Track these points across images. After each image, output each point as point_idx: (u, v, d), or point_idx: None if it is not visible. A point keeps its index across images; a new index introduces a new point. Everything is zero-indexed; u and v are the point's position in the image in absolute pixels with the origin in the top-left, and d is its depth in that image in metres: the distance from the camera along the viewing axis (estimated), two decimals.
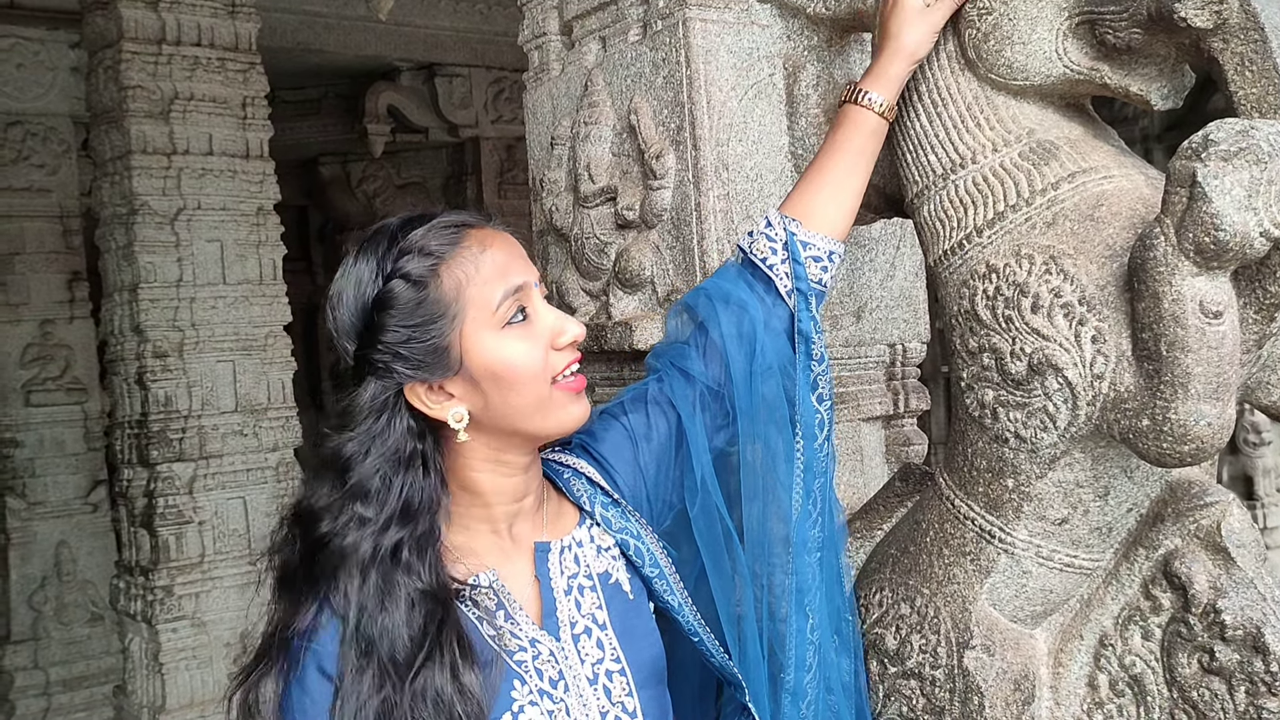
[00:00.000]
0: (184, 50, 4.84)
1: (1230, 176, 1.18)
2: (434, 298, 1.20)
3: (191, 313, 4.89)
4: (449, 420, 1.23)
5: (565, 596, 1.29)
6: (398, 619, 1.15)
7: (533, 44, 2.12)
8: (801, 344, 1.47)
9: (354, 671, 1.13)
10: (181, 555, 4.81)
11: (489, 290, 1.21)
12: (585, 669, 1.26)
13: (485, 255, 1.22)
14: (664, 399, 1.45)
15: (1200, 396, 1.25)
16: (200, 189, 4.91)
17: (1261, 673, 1.36)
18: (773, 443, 1.45)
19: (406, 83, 7.21)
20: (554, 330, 1.25)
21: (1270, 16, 1.26)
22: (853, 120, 1.51)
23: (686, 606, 1.37)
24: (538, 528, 1.33)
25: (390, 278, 1.20)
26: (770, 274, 1.47)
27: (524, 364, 1.22)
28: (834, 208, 1.50)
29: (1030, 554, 1.47)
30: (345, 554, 1.17)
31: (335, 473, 1.21)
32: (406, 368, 1.21)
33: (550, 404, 1.25)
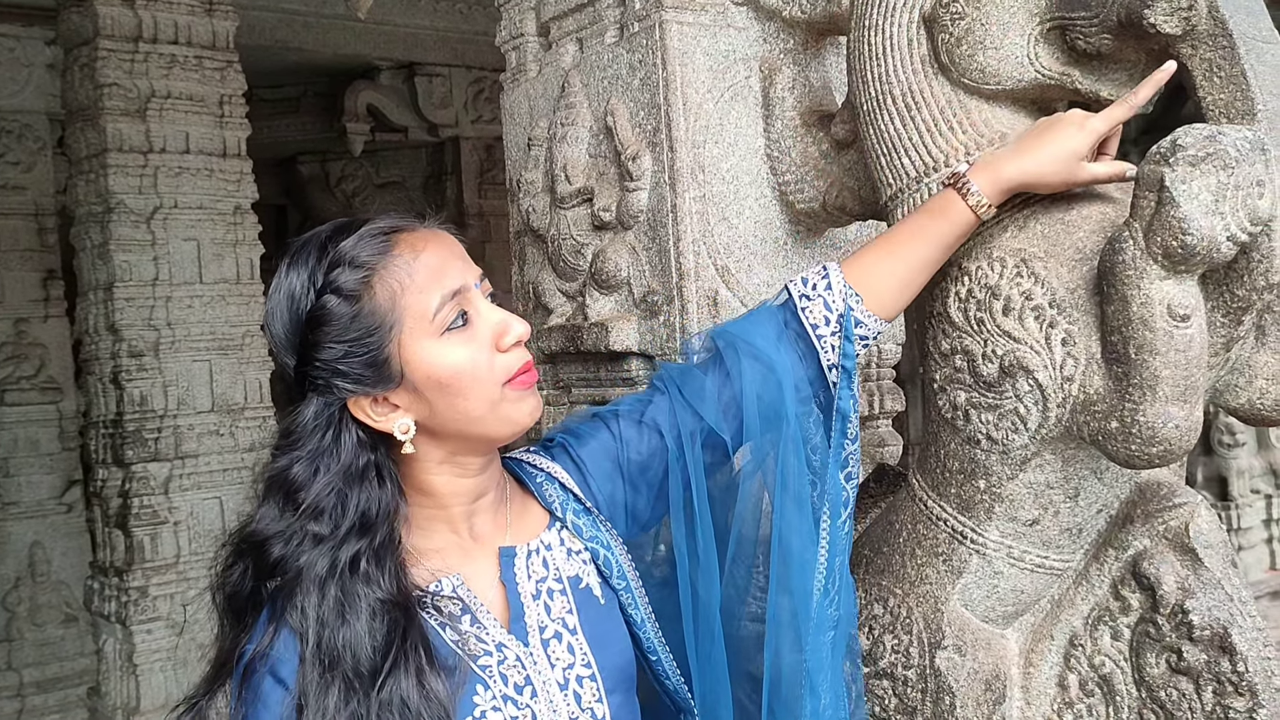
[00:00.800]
0: (161, 48, 4.81)
1: (1198, 181, 1.20)
2: (368, 310, 1.16)
3: (167, 312, 4.86)
4: (395, 433, 1.19)
5: (534, 601, 1.26)
6: (359, 630, 1.12)
7: (510, 45, 2.12)
8: (839, 421, 1.42)
9: (318, 690, 1.09)
10: (157, 556, 4.78)
11: (425, 298, 1.17)
12: (556, 674, 1.23)
13: (418, 261, 1.18)
14: (658, 419, 1.40)
15: (1168, 399, 1.26)
16: (177, 187, 4.88)
17: (1228, 673, 1.37)
18: (789, 517, 1.39)
19: (386, 82, 7.20)
20: (497, 331, 1.20)
21: (1238, 24, 1.28)
22: (948, 210, 1.40)
23: (649, 623, 1.35)
24: (499, 528, 1.30)
25: (322, 292, 1.16)
26: (817, 345, 1.41)
27: (468, 369, 1.18)
28: (896, 294, 1.43)
29: (1002, 555, 1.49)
30: (302, 573, 1.13)
31: (283, 495, 1.16)
32: (347, 383, 1.17)
33: (502, 405, 1.20)
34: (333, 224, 1.22)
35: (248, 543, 1.18)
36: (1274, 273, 1.27)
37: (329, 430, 1.18)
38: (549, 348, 1.95)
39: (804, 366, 1.41)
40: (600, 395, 1.92)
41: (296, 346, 1.18)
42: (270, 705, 1.10)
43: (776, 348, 1.40)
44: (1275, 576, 6.81)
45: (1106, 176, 1.37)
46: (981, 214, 1.39)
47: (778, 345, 1.40)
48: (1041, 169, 1.37)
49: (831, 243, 1.91)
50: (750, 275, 1.79)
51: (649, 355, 1.80)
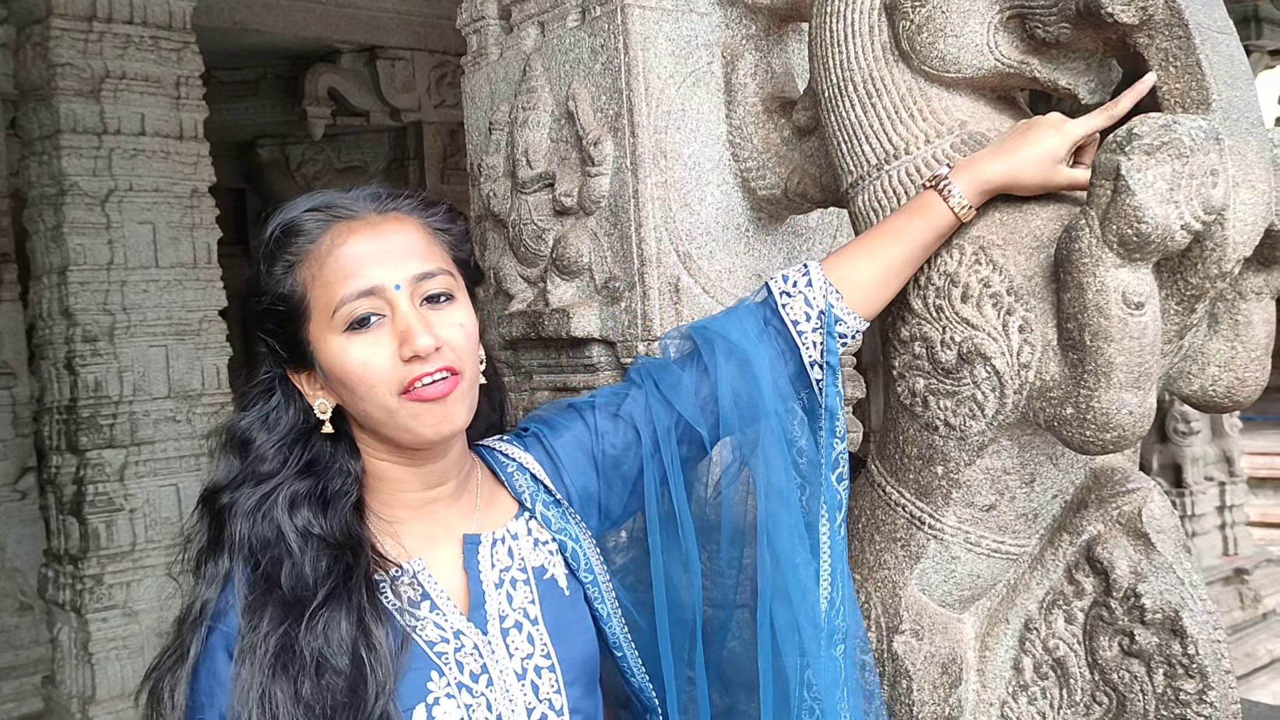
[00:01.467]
0: (115, 28, 4.73)
1: (1153, 170, 1.21)
2: (286, 293, 1.18)
3: (123, 296, 4.79)
4: (315, 409, 1.21)
5: (496, 590, 1.25)
6: (301, 561, 1.14)
7: (471, 28, 2.10)
8: (827, 420, 1.41)
9: (255, 610, 1.11)
10: (112, 544, 4.72)
11: (329, 293, 1.16)
12: (513, 663, 1.22)
13: (334, 254, 1.16)
14: (634, 414, 1.38)
15: (1122, 385, 1.27)
16: (132, 170, 4.80)
17: (1179, 655, 1.39)
18: (778, 517, 1.37)
19: (347, 65, 7.12)
20: (399, 339, 1.15)
21: (1194, 14, 1.29)
22: (928, 211, 1.41)
23: (615, 618, 1.33)
24: (465, 516, 1.29)
25: (259, 262, 1.20)
26: (798, 340, 1.40)
27: (362, 373, 1.15)
28: (876, 292, 1.43)
29: (959, 540, 1.50)
30: (236, 505, 1.17)
31: (236, 451, 1.21)
32: (281, 353, 1.21)
33: (398, 416, 1.16)
34: (310, 195, 1.24)
35: (204, 494, 1.21)
36: (1226, 261, 1.29)
37: (274, 394, 1.22)
38: (510, 334, 1.95)
39: (785, 364, 1.40)
40: (561, 382, 1.91)
41: (247, 309, 1.22)
42: (225, 682, 1.10)
43: (755, 343, 1.39)
44: (1228, 562, 6.92)
45: (1084, 181, 1.37)
46: (961, 215, 1.39)
47: (757, 341, 1.40)
48: (1019, 170, 1.38)
49: (793, 229, 1.92)
50: (712, 261, 1.79)
51: (610, 341, 1.80)
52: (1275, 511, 8.97)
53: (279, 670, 1.09)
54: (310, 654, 1.10)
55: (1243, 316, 1.42)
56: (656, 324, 1.73)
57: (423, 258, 1.19)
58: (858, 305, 1.42)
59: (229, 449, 1.22)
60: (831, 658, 1.36)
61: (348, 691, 1.10)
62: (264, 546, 1.16)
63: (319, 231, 1.18)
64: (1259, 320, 1.43)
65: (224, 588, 1.15)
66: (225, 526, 1.17)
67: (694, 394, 1.38)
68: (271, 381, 1.23)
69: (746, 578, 1.44)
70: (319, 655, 1.10)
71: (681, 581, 1.38)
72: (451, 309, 1.20)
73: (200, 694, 1.12)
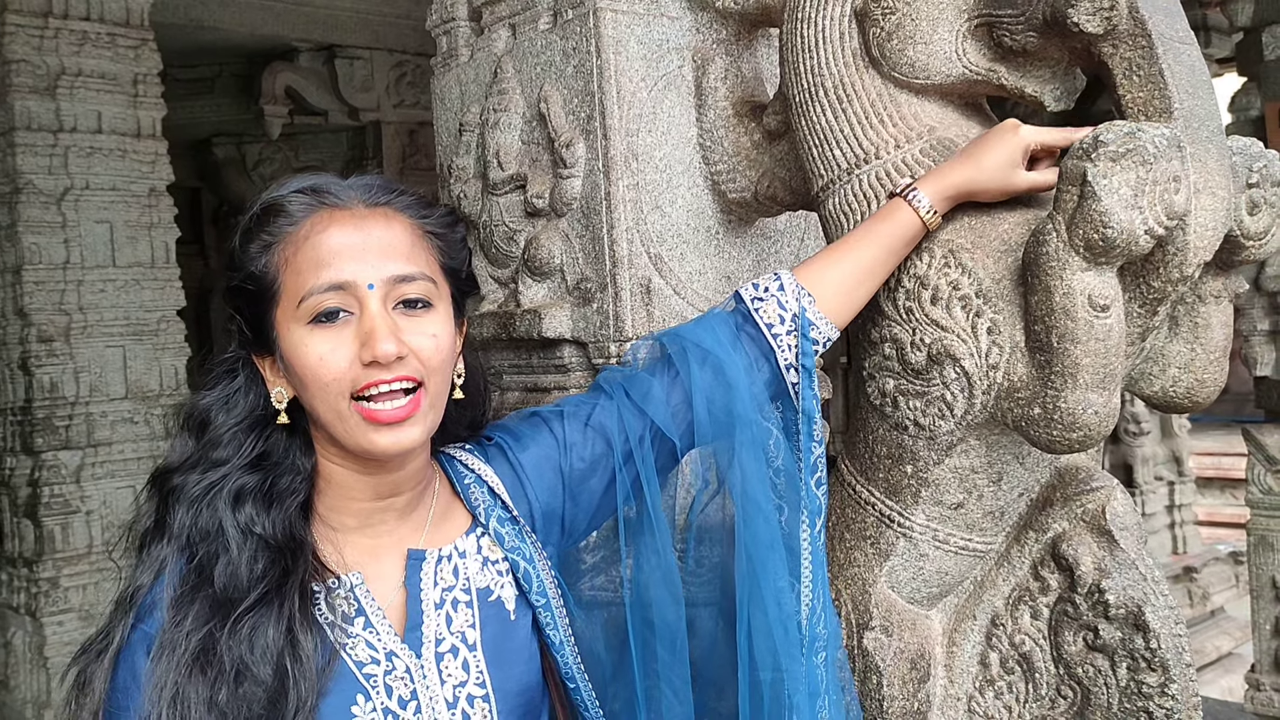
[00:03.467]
0: (72, 24, 4.68)
1: (1118, 176, 1.24)
2: (259, 272, 1.14)
3: (79, 296, 4.74)
4: (272, 397, 1.18)
5: (435, 610, 1.19)
6: (237, 559, 1.10)
7: (441, 29, 2.10)
8: (805, 423, 1.40)
9: (182, 604, 1.07)
10: (68, 546, 4.67)
11: (300, 280, 1.12)
12: (445, 690, 1.17)
13: (311, 241, 1.13)
14: (603, 424, 1.35)
15: (1088, 386, 1.30)
16: (89, 168, 4.75)
17: (1142, 649, 1.43)
18: (756, 528, 1.35)
19: (305, 64, 7.07)
20: (361, 341, 1.11)
21: (1157, 24, 1.33)
22: (896, 219, 1.42)
23: (568, 645, 1.27)
24: (415, 530, 1.23)
25: (239, 238, 1.17)
26: (773, 344, 1.40)
27: (316, 369, 1.11)
28: (847, 297, 1.43)
29: (927, 537, 1.52)
30: (183, 490, 1.14)
31: (192, 430, 1.18)
32: (244, 332, 1.18)
33: (345, 422, 1.12)
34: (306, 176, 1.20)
35: (155, 474, 1.19)
36: (1188, 265, 1.32)
37: (236, 375, 1.19)
38: (481, 335, 1.95)
39: (760, 370, 1.40)
40: (532, 382, 1.92)
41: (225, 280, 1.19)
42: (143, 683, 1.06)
43: (729, 349, 1.38)
44: (1178, 561, 7.06)
45: (1044, 183, 1.39)
46: (928, 221, 1.41)
47: (731, 347, 1.38)
48: (980, 175, 1.40)
49: (762, 232, 1.94)
50: (683, 264, 1.80)
51: (582, 343, 1.81)
52: (1222, 511, 9.16)
53: (196, 671, 1.04)
54: (231, 659, 1.05)
55: (1202, 319, 1.46)
56: (628, 325, 1.74)
57: (404, 259, 1.15)
58: (829, 311, 1.43)
59: (186, 428, 1.19)
60: (813, 665, 1.35)
61: (266, 704, 1.05)
62: (203, 538, 1.12)
63: (302, 215, 1.15)
64: (1217, 323, 1.47)
65: (157, 577, 1.12)
66: (170, 511, 1.14)
67: (665, 402, 1.36)
68: (235, 362, 1.20)
69: (715, 576, 1.43)
70: (240, 661, 1.05)
71: (661, 596, 1.33)
72: (427, 317, 1.15)
73: (118, 692, 1.08)
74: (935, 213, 1.42)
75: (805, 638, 1.35)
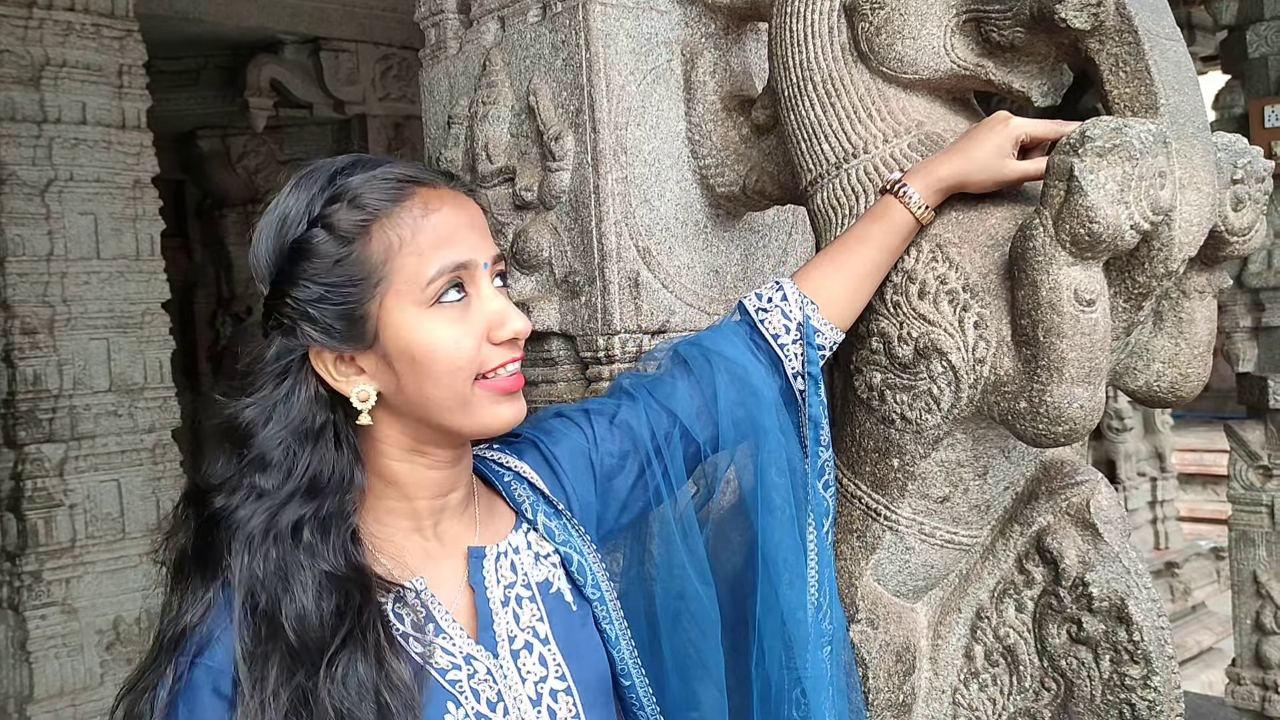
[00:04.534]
0: (56, 14, 4.65)
1: (1105, 171, 1.25)
2: (358, 257, 1.05)
3: (63, 288, 4.72)
4: (353, 399, 1.08)
5: (503, 608, 1.16)
6: (306, 602, 1.01)
7: (429, 21, 2.10)
8: (812, 428, 1.41)
9: (256, 661, 0.98)
10: (51, 540, 4.64)
11: (424, 261, 1.06)
12: (527, 688, 1.13)
13: (428, 220, 1.07)
14: (630, 423, 1.33)
15: (1074, 380, 1.31)
16: (73, 160, 4.73)
17: (1125, 641, 1.44)
18: (774, 534, 1.35)
19: (290, 56, 7.03)
20: (493, 320, 1.09)
21: (1143, 21, 1.33)
22: (888, 215, 1.42)
23: (624, 640, 1.24)
24: (468, 528, 1.19)
25: (314, 224, 1.06)
26: (780, 354, 1.41)
27: (446, 352, 1.06)
28: (848, 301, 1.44)
29: (914, 531, 1.53)
30: (237, 528, 1.04)
31: (234, 442, 1.07)
32: (315, 330, 1.06)
33: (471, 403, 1.09)
34: (352, 156, 1.12)
35: (193, 490, 1.08)
36: (1173, 261, 1.33)
37: (286, 378, 1.08)
38: None
39: (774, 379, 1.40)
40: None
41: (272, 275, 1.08)
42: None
43: (751, 358, 1.39)
44: (1160, 556, 7.11)
45: (1035, 172, 1.39)
46: (920, 216, 1.41)
47: (753, 356, 1.39)
48: (970, 167, 1.40)
49: (750, 226, 1.94)
50: (671, 257, 1.81)
51: (570, 335, 1.81)
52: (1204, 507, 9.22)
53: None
54: (330, 708, 0.98)
55: (1186, 314, 1.47)
56: (616, 318, 1.74)
57: (492, 238, 1.15)
58: (832, 316, 1.43)
59: (228, 439, 1.08)
60: (819, 659, 1.36)
61: None
62: (265, 583, 1.02)
63: (402, 193, 1.08)
64: (1201, 318, 1.48)
65: (206, 610, 1.03)
66: (218, 540, 1.04)
67: (689, 402, 1.35)
68: (288, 362, 1.08)
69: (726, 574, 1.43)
70: (340, 706, 0.99)
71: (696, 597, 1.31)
72: (508, 292, 1.16)
73: None
74: (927, 207, 1.42)
75: (812, 634, 1.35)
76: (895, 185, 1.43)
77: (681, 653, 1.33)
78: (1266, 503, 4.20)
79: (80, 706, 4.64)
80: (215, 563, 1.04)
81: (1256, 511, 4.23)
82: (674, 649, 1.33)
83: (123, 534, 4.82)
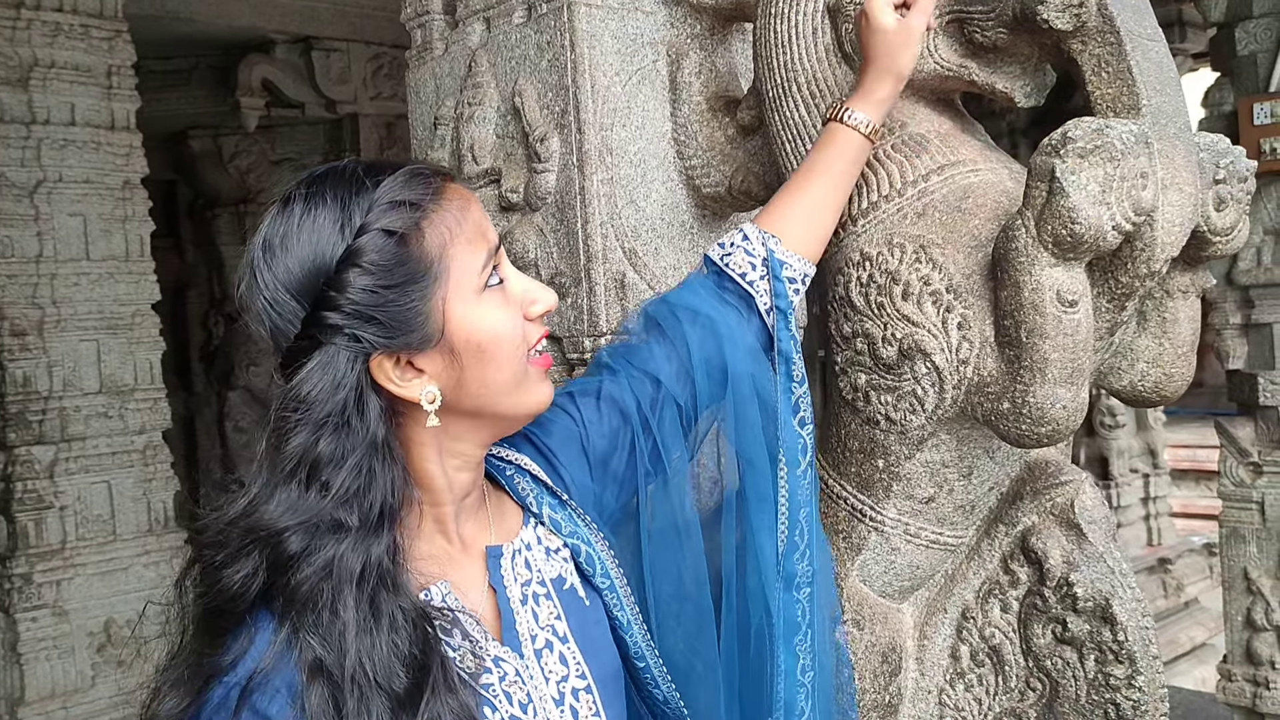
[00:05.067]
0: (44, 15, 4.63)
1: (1086, 172, 1.25)
2: (416, 255, 1.03)
3: (52, 289, 4.70)
4: (421, 400, 1.04)
5: (522, 606, 1.14)
6: (382, 646, 0.96)
7: (415, 22, 2.09)
8: (782, 364, 1.39)
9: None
10: (41, 542, 4.63)
11: (473, 250, 1.07)
12: (550, 688, 1.11)
13: (469, 210, 1.09)
14: (616, 397, 1.32)
15: (1057, 381, 1.32)
16: (62, 160, 4.71)
17: (1109, 641, 1.45)
18: (756, 471, 1.35)
19: (282, 56, 7.02)
20: (525, 298, 1.12)
21: (1125, 21, 1.34)
22: (837, 140, 1.44)
23: (636, 624, 1.23)
24: (483, 529, 1.18)
25: (363, 230, 1.01)
26: (750, 290, 1.40)
27: (508, 331, 1.09)
28: (811, 229, 1.44)
29: (899, 531, 1.53)
30: (330, 572, 0.96)
31: (304, 476, 0.99)
32: (380, 336, 1.01)
33: (526, 381, 1.12)
34: (358, 162, 1.08)
35: (258, 534, 0.97)
36: (1155, 261, 1.33)
37: (355, 391, 1.01)
38: None
39: (751, 322, 1.39)
40: None
41: (316, 291, 1.00)
42: None
43: (718, 306, 1.38)
44: (1152, 552, 7.12)
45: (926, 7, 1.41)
46: (866, 131, 1.43)
47: (720, 304, 1.39)
48: (901, 66, 1.42)
49: (735, 226, 1.94)
50: (657, 258, 1.80)
51: (556, 337, 1.81)
52: (1197, 503, 9.25)
53: None
54: None
55: (1170, 314, 1.48)
56: (603, 320, 1.74)
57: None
58: (797, 246, 1.43)
59: (289, 474, 0.99)
60: (792, 600, 1.34)
61: None
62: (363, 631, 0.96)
63: (438, 188, 1.08)
64: (1185, 318, 1.48)
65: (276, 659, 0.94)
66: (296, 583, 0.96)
67: (668, 364, 1.34)
68: (356, 375, 1.02)
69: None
70: None
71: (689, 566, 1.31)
72: None
73: None
74: (871, 123, 1.44)
75: (782, 573, 1.34)
76: (839, 113, 1.44)
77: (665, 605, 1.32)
78: (1257, 499, 4.21)
79: (71, 709, 4.63)
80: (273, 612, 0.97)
81: (1247, 508, 4.24)
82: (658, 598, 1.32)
83: (113, 536, 4.81)
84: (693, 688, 1.28)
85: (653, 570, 1.32)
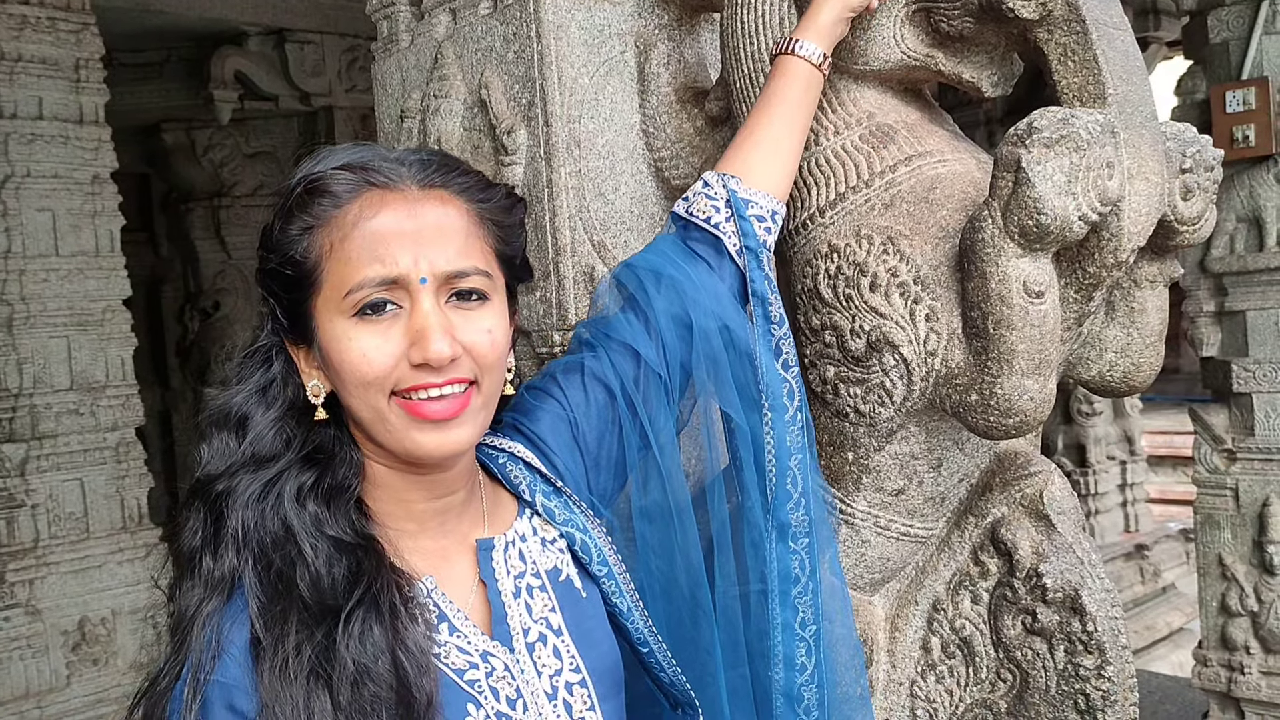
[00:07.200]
0: (10, 8, 4.57)
1: (1052, 163, 1.24)
2: (299, 257, 1.04)
3: (21, 286, 4.65)
4: (307, 389, 1.08)
5: (515, 599, 1.12)
6: (315, 564, 1.00)
7: (381, 13, 2.07)
8: (758, 306, 1.36)
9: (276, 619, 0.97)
10: (13, 540, 4.59)
11: (347, 270, 1.02)
12: (543, 682, 1.10)
13: (360, 228, 1.03)
14: (601, 374, 1.29)
15: (1024, 372, 1.31)
16: (30, 155, 4.65)
17: (1079, 632, 1.44)
18: (741, 423, 1.33)
19: (255, 48, 6.96)
20: (416, 338, 1.02)
21: (1091, 10, 1.33)
22: (787, 72, 1.43)
23: (636, 610, 1.21)
24: (476, 524, 1.16)
25: (277, 217, 1.06)
26: (717, 233, 1.36)
27: (357, 366, 1.02)
28: (773, 164, 1.42)
29: (869, 524, 1.53)
30: (236, 494, 1.03)
31: (232, 430, 1.07)
32: (277, 318, 1.09)
33: (390, 421, 1.04)
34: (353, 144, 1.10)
35: (197, 483, 1.06)
36: (1122, 251, 1.33)
37: (274, 364, 1.10)
38: None
39: (724, 271, 1.37)
40: None
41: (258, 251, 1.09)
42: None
43: (681, 264, 1.36)
44: (1130, 539, 7.16)
45: None
46: (815, 61, 1.43)
47: (684, 260, 1.36)
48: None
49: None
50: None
51: (526, 331, 1.80)
52: (1173, 489, 9.31)
53: (317, 685, 0.96)
54: (350, 664, 0.97)
55: (1138, 304, 1.47)
56: (571, 313, 1.73)
57: (459, 251, 1.05)
58: (761, 184, 1.41)
59: (223, 428, 1.08)
60: (785, 551, 1.32)
61: (396, 704, 0.97)
62: (274, 544, 1.02)
63: (348, 196, 1.04)
64: (1153, 307, 1.48)
65: (230, 597, 1.01)
66: (225, 518, 1.03)
67: (646, 334, 1.32)
68: (270, 350, 1.10)
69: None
70: (358, 664, 0.97)
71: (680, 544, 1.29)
72: (481, 311, 1.07)
73: None
74: (821, 52, 1.44)
75: (774, 523, 1.32)
76: (790, 46, 1.44)
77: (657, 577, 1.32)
78: (1231, 486, 4.23)
79: (46, 708, 4.59)
80: (226, 536, 1.03)
81: (1221, 495, 4.26)
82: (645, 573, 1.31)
83: (87, 534, 4.77)
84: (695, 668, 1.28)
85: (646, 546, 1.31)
